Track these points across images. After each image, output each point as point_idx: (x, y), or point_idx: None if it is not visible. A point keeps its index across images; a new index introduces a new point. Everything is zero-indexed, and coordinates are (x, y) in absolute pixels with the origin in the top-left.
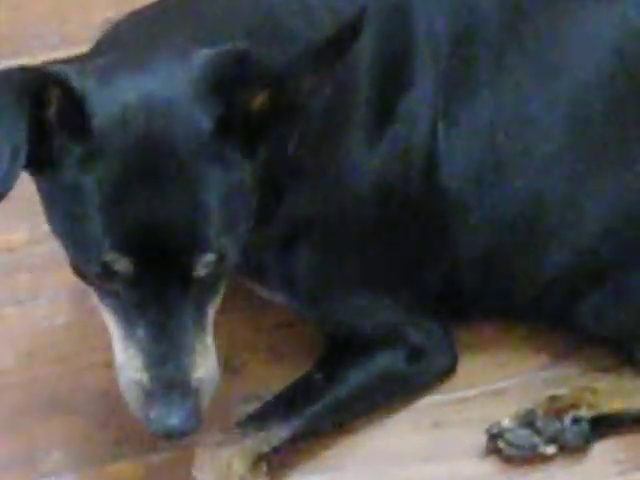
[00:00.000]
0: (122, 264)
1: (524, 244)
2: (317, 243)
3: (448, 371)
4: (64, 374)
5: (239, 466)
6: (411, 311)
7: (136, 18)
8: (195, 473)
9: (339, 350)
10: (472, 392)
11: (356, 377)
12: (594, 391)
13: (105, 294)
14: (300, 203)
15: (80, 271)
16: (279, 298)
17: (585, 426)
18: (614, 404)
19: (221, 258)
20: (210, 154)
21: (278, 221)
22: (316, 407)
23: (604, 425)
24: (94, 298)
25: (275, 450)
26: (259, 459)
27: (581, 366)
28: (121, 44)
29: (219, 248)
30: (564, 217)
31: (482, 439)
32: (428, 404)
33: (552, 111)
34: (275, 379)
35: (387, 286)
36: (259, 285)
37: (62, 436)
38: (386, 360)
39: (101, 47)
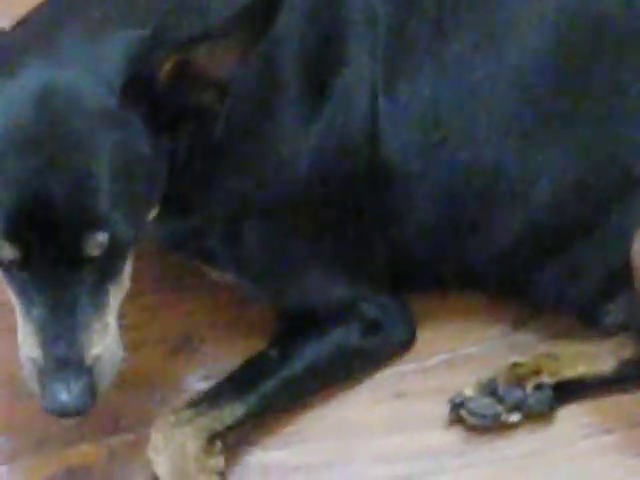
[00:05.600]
0: (6, 251)
1: (473, 216)
2: (261, 224)
3: (405, 344)
4: None
5: (193, 446)
6: (364, 285)
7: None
8: (149, 454)
9: (293, 327)
10: (434, 361)
11: (310, 353)
12: (555, 357)
13: (5, 272)
14: (239, 185)
15: None
16: (229, 279)
17: (548, 392)
18: (576, 369)
19: (115, 236)
20: (106, 127)
21: (219, 204)
22: (270, 384)
23: (567, 390)
24: None
25: (232, 428)
26: (213, 438)
27: (543, 331)
28: (32, 23)
29: (111, 225)
30: (513, 188)
31: (445, 408)
32: (389, 374)
33: (496, 80)
34: (234, 356)
35: (337, 262)
36: (208, 267)
37: (22, 420)
38: (340, 335)
39: (15, 27)
